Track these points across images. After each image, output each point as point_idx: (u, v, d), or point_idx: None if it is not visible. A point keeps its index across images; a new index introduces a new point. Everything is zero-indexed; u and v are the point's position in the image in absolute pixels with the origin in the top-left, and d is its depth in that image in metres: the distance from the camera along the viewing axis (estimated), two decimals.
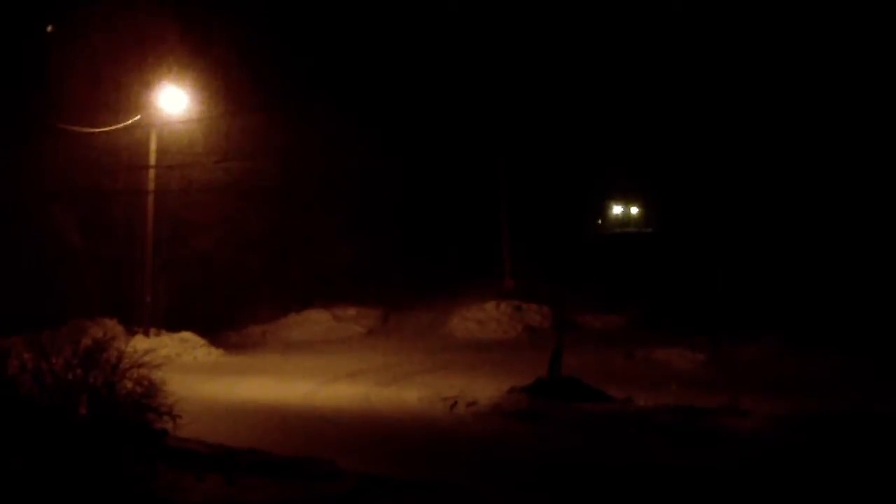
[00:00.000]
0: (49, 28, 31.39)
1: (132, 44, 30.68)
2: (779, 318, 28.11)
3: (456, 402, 19.84)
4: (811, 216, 34.37)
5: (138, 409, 12.20)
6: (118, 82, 30.45)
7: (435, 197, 39.51)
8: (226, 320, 33.63)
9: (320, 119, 33.96)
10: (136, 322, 29.82)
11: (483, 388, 21.00)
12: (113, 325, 28.01)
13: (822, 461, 14.44)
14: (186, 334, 29.76)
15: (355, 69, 35.64)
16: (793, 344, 25.77)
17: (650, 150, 42.22)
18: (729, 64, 35.06)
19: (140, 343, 23.82)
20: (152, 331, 29.61)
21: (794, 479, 13.57)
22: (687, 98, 37.40)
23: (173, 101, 30.03)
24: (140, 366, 12.45)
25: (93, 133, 29.15)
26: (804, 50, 33.03)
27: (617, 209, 73.50)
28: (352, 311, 35.69)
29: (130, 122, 29.52)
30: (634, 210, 73.59)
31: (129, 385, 12.22)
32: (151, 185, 29.94)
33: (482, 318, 34.42)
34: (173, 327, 30.11)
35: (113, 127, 29.41)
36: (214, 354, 29.41)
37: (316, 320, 35.06)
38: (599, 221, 67.26)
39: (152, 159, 29.69)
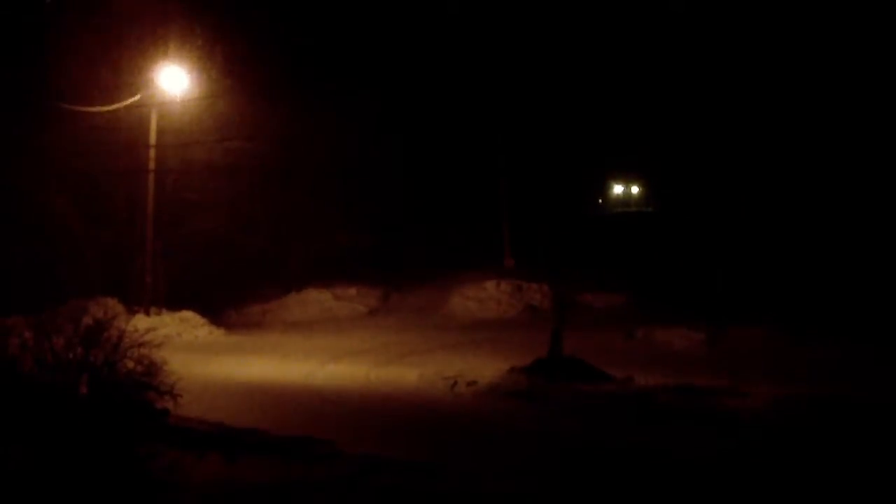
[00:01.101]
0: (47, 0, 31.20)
1: (132, 22, 30.49)
2: (779, 302, 28.11)
3: (456, 382, 19.85)
4: (812, 204, 34.31)
5: (139, 389, 12.18)
6: (118, 61, 30.30)
7: (435, 177, 39.42)
8: (227, 300, 33.64)
9: (321, 100, 33.81)
10: (137, 302, 29.86)
11: (483, 368, 21.03)
12: (114, 305, 28.01)
13: (822, 443, 14.47)
14: (187, 314, 29.78)
15: (355, 51, 35.43)
16: (792, 328, 25.79)
17: (651, 129, 42.14)
18: (731, 47, 34.89)
19: (141, 322, 23.89)
20: (153, 310, 29.64)
21: (793, 461, 13.60)
22: (689, 78, 37.27)
23: (174, 80, 29.95)
24: (141, 345, 12.42)
25: (93, 113, 29.07)
26: (805, 38, 32.83)
27: (618, 188, 73.31)
28: (352, 291, 35.65)
29: (131, 101, 29.44)
30: (635, 189, 73.45)
31: (130, 364, 12.20)
32: (152, 165, 29.92)
33: (482, 298, 34.42)
34: (174, 307, 30.12)
35: (113, 106, 29.33)
36: (215, 334, 29.43)
37: (316, 300, 35.05)
38: (600, 201, 67.17)
39: (153, 139, 29.63)
